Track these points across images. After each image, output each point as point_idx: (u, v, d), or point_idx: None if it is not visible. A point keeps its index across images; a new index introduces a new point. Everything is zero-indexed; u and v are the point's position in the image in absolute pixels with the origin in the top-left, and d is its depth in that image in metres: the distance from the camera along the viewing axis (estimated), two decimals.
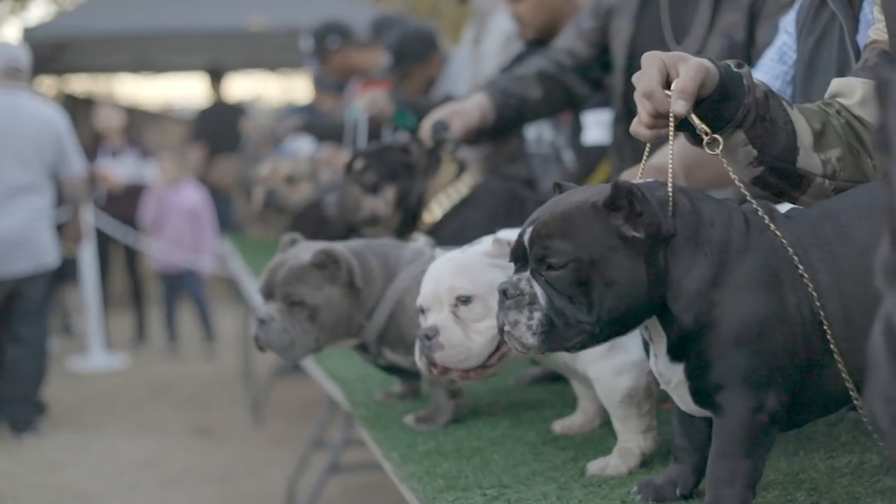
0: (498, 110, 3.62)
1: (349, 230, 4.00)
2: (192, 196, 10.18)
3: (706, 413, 1.90)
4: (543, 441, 2.56)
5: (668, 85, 1.90)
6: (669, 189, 1.86)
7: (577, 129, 4.40)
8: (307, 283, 2.70)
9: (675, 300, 1.83)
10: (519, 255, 1.91)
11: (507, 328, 1.88)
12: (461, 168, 3.51)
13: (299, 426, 7.31)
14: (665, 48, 3.39)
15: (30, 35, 12.46)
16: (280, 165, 5.37)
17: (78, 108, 13.92)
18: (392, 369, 2.92)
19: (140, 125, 15.30)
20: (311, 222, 4.39)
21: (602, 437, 2.55)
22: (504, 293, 1.89)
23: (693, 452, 2.01)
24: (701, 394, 1.86)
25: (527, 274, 1.87)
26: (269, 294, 2.74)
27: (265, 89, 19.03)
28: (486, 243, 2.42)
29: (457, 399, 2.79)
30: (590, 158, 4.28)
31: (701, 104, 1.90)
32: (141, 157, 10.68)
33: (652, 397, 2.29)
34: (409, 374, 2.91)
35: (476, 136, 3.61)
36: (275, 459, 6.59)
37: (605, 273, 1.81)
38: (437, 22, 11.18)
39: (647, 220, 1.82)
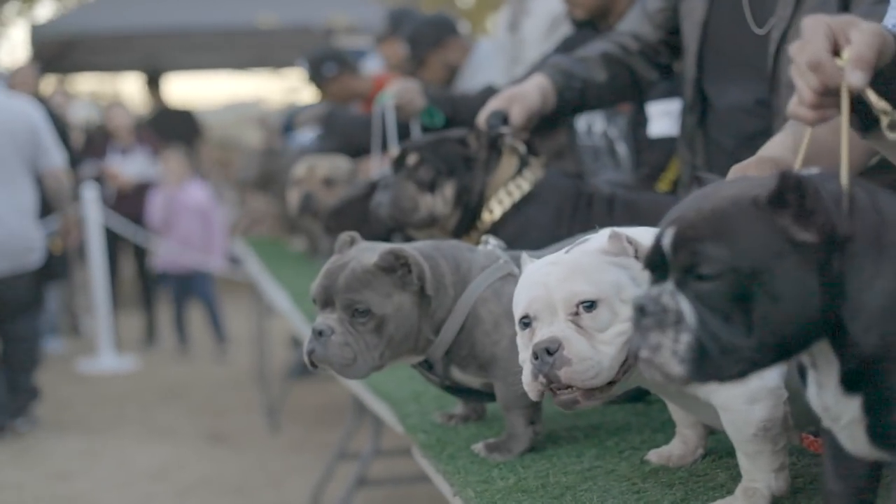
0: (559, 93, 3.31)
1: (390, 232, 3.64)
2: (200, 195, 10.02)
3: (883, 456, 1.55)
4: (641, 475, 2.22)
5: (836, 54, 1.55)
6: (844, 181, 1.51)
7: (635, 120, 4.07)
8: (374, 290, 2.36)
9: (853, 318, 1.48)
10: (657, 263, 1.56)
11: (644, 354, 1.53)
12: (523, 162, 3.16)
13: (319, 432, 7.14)
14: (744, 31, 3.09)
15: (37, 33, 12.17)
16: (318, 166, 5.00)
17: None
18: (457, 390, 2.57)
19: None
20: (349, 222, 4.02)
21: (708, 470, 2.22)
22: (641, 310, 1.55)
23: (850, 498, 1.66)
24: (883, 434, 1.51)
25: (669, 286, 1.52)
26: (326, 301, 2.40)
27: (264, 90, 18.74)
28: (597, 240, 2.08)
29: (535, 426, 2.46)
30: (654, 153, 3.95)
31: (876, 78, 1.55)
32: (152, 154, 10.49)
33: (789, 430, 1.94)
34: (477, 396, 2.58)
35: (537, 124, 3.27)
36: (294, 468, 6.37)
37: (770, 285, 1.46)
38: (450, 11, 10.92)
39: (820, 220, 1.47)
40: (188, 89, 18.94)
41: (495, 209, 3.12)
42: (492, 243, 2.59)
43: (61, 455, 6.78)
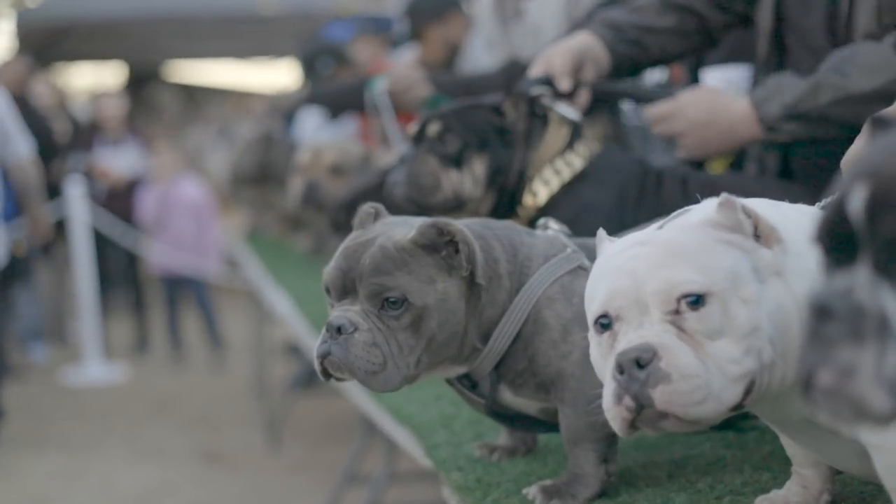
0: (611, 49, 2.87)
1: None
2: (194, 191, 9.80)
3: None
4: None
5: None
6: None
7: None
8: (411, 273, 1.83)
9: None
10: (842, 239, 1.05)
11: (827, 380, 1.02)
12: (574, 133, 2.61)
13: (324, 451, 6.83)
14: None
15: (23, 20, 11.69)
16: (324, 151, 4.50)
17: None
18: (506, 416, 2.01)
19: None
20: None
21: None
22: (824, 312, 1.02)
23: None
24: None
25: (864, 274, 1.01)
26: (344, 289, 1.87)
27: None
28: (702, 212, 1.54)
29: (608, 464, 1.92)
30: None
31: None
32: (144, 146, 10.26)
33: None
34: (532, 425, 2.04)
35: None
36: (296, 491, 6.09)
37: None
38: None
39: None
40: (186, 79, 18.34)
41: (540, 191, 2.60)
42: (553, 227, 2.04)
43: (38, 476, 6.52)
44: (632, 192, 2.58)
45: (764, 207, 1.56)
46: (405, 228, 1.88)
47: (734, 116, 2.56)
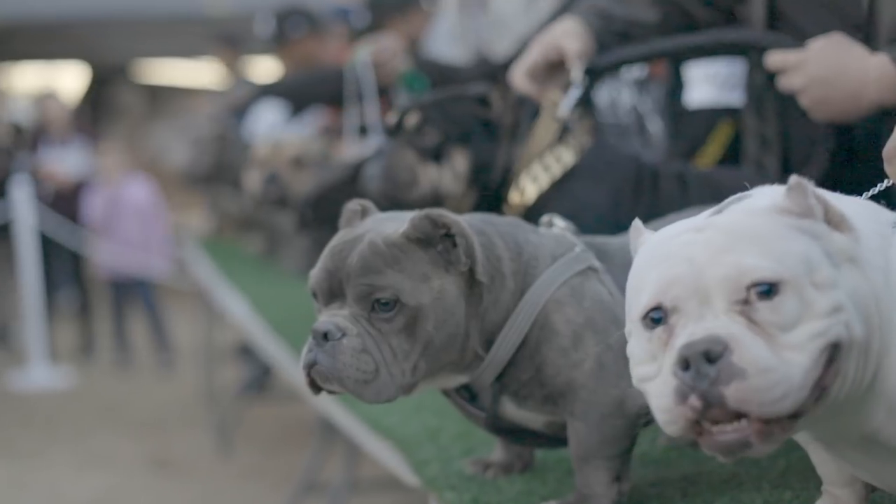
0: (598, 39, 2.71)
1: None
2: (142, 192, 9.70)
3: None
4: None
5: None
6: None
7: (673, 90, 3.41)
8: (403, 270, 1.68)
9: None
10: None
11: None
12: (564, 128, 2.48)
13: (279, 457, 6.72)
14: None
15: None
16: (285, 144, 4.30)
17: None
18: (508, 430, 1.86)
19: None
20: (331, 213, 3.26)
21: None
22: None
23: None
24: None
25: None
26: (332, 292, 1.72)
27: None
28: (765, 197, 1.39)
29: (621, 483, 1.77)
30: (693, 125, 3.32)
31: None
32: (92, 145, 10.12)
33: None
34: (535, 440, 1.89)
35: None
36: (249, 498, 6.02)
37: None
38: None
39: None
40: (150, 78, 18.16)
41: (528, 188, 2.47)
42: (559, 224, 1.89)
43: None
44: (627, 190, 2.44)
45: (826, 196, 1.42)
46: (396, 223, 1.73)
47: (868, 74, 2.22)
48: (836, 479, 1.64)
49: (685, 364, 1.30)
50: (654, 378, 1.37)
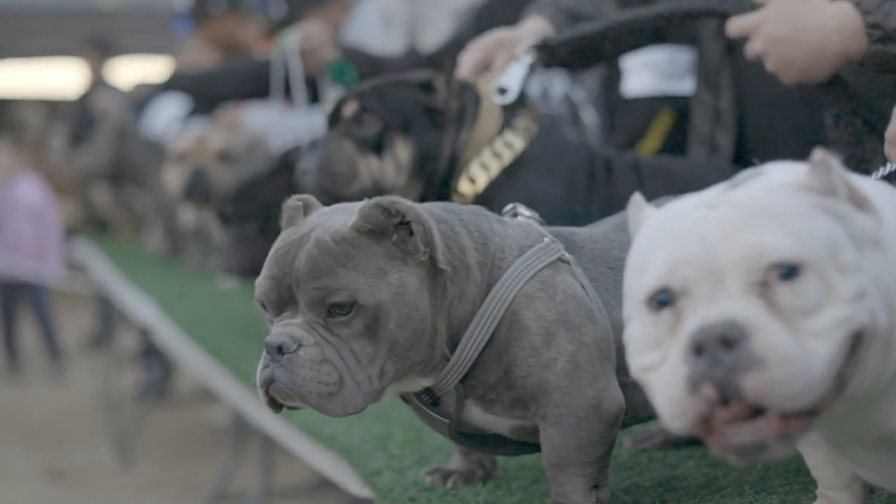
0: None
1: None
2: (32, 192, 9.51)
3: None
4: None
5: None
6: None
7: (609, 79, 3.32)
8: (357, 268, 1.54)
9: None
10: None
11: None
12: (509, 114, 2.37)
13: (180, 466, 6.56)
14: None
15: None
16: (210, 137, 4.16)
17: None
18: (471, 436, 1.73)
19: None
20: (255, 207, 3.09)
21: None
22: None
23: None
24: None
25: None
26: (281, 301, 1.57)
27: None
28: (786, 174, 1.28)
29: (599, 490, 1.65)
30: (631, 116, 3.23)
31: None
32: None
33: None
34: (501, 446, 1.76)
35: None
36: None
37: None
38: None
39: None
40: (12, 78, 17.57)
41: (478, 177, 2.34)
42: (524, 213, 1.76)
43: None
44: (581, 180, 2.33)
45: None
46: (344, 216, 1.58)
47: (827, 24, 2.03)
48: (834, 482, 1.54)
49: (698, 350, 1.16)
50: (659, 367, 1.23)
